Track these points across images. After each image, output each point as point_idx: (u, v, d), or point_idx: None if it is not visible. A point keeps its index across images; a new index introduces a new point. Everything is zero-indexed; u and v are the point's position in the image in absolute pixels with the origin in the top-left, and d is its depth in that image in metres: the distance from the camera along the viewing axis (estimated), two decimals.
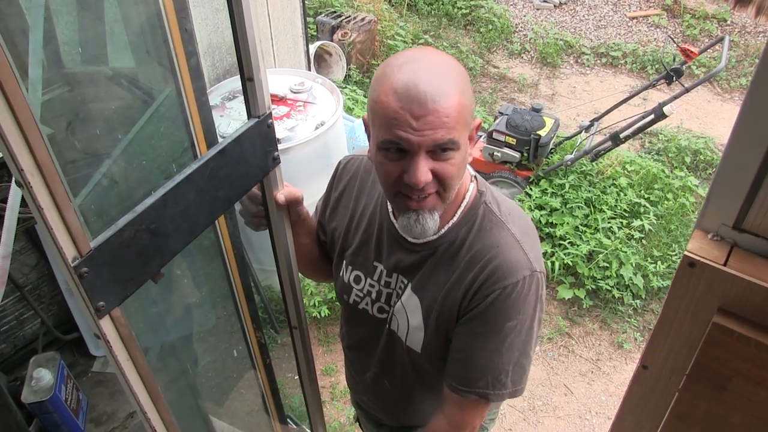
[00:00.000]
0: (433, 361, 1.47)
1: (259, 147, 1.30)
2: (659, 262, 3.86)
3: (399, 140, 1.15)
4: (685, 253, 0.76)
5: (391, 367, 1.59)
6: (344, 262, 1.56)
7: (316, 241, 1.66)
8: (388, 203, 1.42)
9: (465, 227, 1.35)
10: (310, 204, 3.40)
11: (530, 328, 1.33)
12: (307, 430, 2.34)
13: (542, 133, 4.23)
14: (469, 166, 1.38)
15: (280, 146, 2.97)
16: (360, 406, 1.85)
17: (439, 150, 1.16)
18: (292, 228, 1.54)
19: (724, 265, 0.74)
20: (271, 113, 1.31)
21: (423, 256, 1.40)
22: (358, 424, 2.08)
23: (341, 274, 1.57)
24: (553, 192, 4.21)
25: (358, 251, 1.52)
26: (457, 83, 1.15)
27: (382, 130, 1.17)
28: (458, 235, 1.35)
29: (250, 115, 1.29)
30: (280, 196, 1.40)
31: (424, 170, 1.16)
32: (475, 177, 1.41)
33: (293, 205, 1.46)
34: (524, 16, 7.07)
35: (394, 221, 1.43)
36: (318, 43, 5.42)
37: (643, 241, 4.01)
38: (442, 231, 1.36)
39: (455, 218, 1.36)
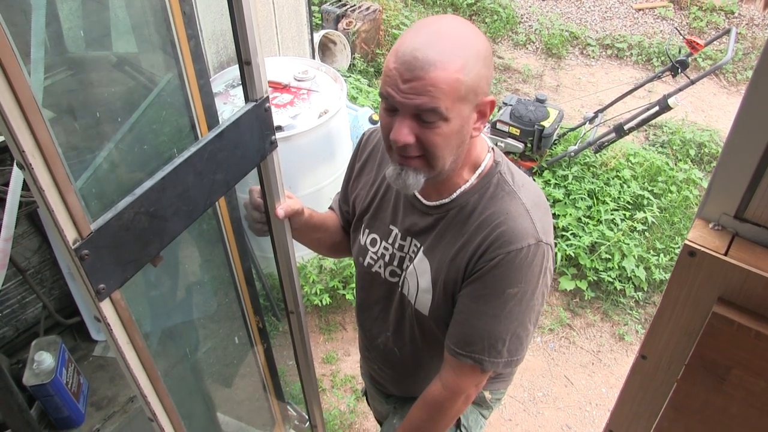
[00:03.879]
0: (440, 326, 1.49)
1: (256, 131, 1.30)
2: (662, 255, 3.86)
3: (387, 95, 1.21)
4: (686, 242, 0.75)
5: (402, 333, 1.61)
6: (362, 225, 1.60)
7: (329, 228, 1.72)
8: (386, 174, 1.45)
9: (477, 193, 1.39)
10: (314, 191, 3.41)
11: (531, 298, 1.35)
12: (306, 415, 2.34)
13: (546, 124, 4.21)
14: (486, 138, 1.44)
15: (283, 134, 2.99)
16: (371, 377, 1.87)
17: (424, 116, 1.20)
18: (301, 231, 1.60)
19: (725, 254, 0.74)
20: (268, 97, 1.31)
21: (435, 218, 1.43)
22: (365, 399, 2.09)
23: (359, 237, 1.61)
24: (556, 183, 4.20)
25: (375, 215, 1.57)
26: (459, 58, 1.17)
27: (381, 83, 1.25)
28: (470, 201, 1.39)
29: (247, 99, 1.29)
30: (280, 211, 1.47)
31: (404, 131, 1.22)
32: (492, 148, 1.44)
33: (294, 216, 1.53)
34: (530, 6, 7.03)
35: None
36: (322, 32, 5.40)
37: (646, 234, 4.01)
38: (455, 195, 1.40)
39: (468, 184, 1.40)
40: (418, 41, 1.18)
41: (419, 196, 1.46)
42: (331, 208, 1.79)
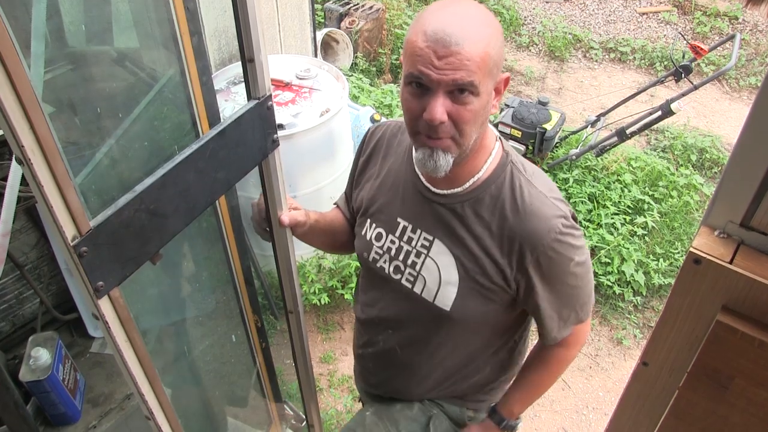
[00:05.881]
0: (461, 321, 1.49)
1: (258, 129, 1.30)
2: (661, 260, 3.85)
3: (420, 75, 1.21)
4: (691, 249, 0.75)
5: (406, 331, 1.60)
6: (368, 220, 1.59)
7: (336, 230, 1.73)
8: (414, 158, 1.44)
9: (494, 184, 1.40)
10: (314, 191, 3.40)
11: (586, 251, 1.45)
12: (303, 414, 2.34)
13: (548, 126, 4.21)
14: (493, 128, 1.44)
15: (284, 132, 2.98)
16: (363, 378, 1.84)
17: (458, 92, 1.22)
18: (307, 236, 1.64)
19: (730, 262, 0.73)
20: (271, 95, 1.31)
21: (449, 209, 1.43)
22: (362, 406, 2.07)
23: (364, 232, 1.60)
24: (556, 186, 4.19)
25: (382, 208, 1.56)
26: (485, 33, 1.21)
27: (407, 65, 1.24)
28: (488, 192, 1.40)
29: (250, 97, 1.28)
30: (285, 218, 1.51)
31: (439, 109, 1.22)
32: (499, 137, 1.45)
33: (296, 227, 1.56)
34: (533, 8, 7.02)
35: (420, 174, 1.47)
36: (325, 30, 5.39)
37: (646, 238, 4.00)
38: (467, 184, 1.41)
39: (481, 173, 1.40)
40: (444, 20, 1.20)
41: (428, 185, 1.45)
42: (336, 204, 1.79)
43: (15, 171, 1.54)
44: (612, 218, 4.00)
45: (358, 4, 5.79)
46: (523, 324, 1.64)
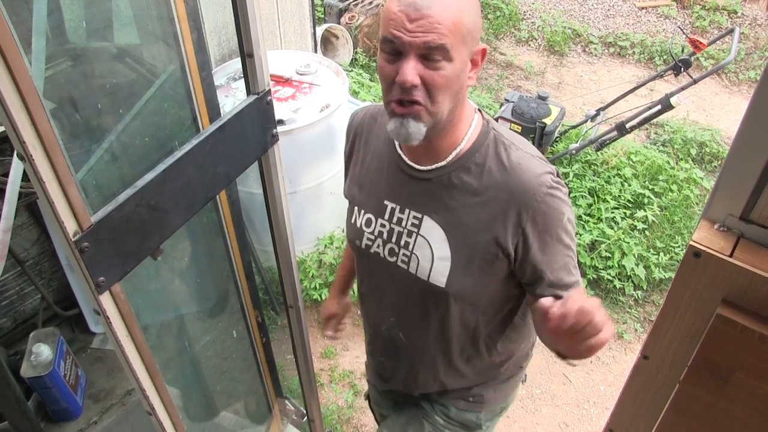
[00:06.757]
0: (457, 297, 1.48)
1: (258, 124, 1.30)
2: (662, 254, 3.85)
3: (393, 38, 1.23)
4: (691, 242, 0.75)
5: (407, 315, 1.59)
6: (356, 207, 1.59)
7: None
8: (387, 131, 1.45)
9: (478, 152, 1.41)
10: (315, 186, 3.39)
11: (571, 206, 1.44)
12: (303, 409, 2.34)
13: (548, 121, 4.20)
14: (472, 102, 1.45)
15: (285, 128, 2.98)
16: (378, 375, 1.84)
17: (429, 56, 1.24)
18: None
19: (730, 256, 0.73)
20: (270, 90, 1.31)
21: (435, 183, 1.44)
22: (368, 403, 2.07)
23: (353, 219, 1.59)
24: None
25: (368, 194, 1.56)
26: (459, 3, 1.24)
27: (381, 31, 1.27)
28: (472, 160, 1.41)
29: (249, 92, 1.29)
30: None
31: (410, 72, 1.24)
32: (479, 110, 1.47)
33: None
34: (532, 3, 7.01)
35: (402, 154, 1.47)
36: (325, 26, 5.39)
37: (646, 232, 4.00)
38: (450, 157, 1.41)
39: (463, 144, 1.41)
40: None
41: (411, 163, 1.46)
42: None
43: (16, 167, 1.54)
44: (612, 212, 4.00)
45: None
46: (524, 297, 1.62)
